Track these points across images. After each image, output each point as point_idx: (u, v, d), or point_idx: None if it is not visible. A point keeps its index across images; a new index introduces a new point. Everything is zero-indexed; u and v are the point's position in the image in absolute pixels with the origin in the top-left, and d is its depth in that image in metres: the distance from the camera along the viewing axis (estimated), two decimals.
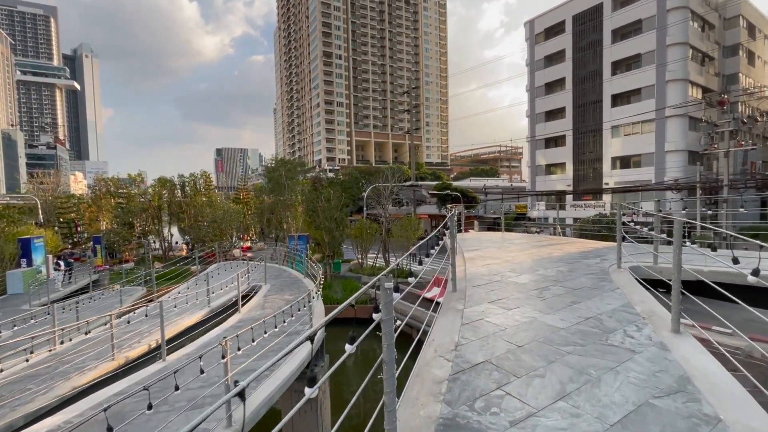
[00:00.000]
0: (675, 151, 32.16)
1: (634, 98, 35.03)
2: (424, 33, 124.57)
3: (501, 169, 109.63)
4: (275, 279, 14.40)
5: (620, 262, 6.05)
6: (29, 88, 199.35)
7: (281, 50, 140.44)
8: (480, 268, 6.73)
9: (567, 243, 9.96)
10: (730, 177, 23.36)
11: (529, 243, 10.17)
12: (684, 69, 32.04)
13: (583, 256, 7.61)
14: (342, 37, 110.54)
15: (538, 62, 42.34)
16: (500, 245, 9.81)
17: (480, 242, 10.52)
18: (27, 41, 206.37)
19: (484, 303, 4.53)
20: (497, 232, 13.82)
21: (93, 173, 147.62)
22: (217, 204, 26.57)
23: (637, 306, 4.21)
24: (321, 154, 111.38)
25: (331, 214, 21.78)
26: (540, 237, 11.65)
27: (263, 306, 10.57)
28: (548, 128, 41.20)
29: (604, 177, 36.57)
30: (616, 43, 35.65)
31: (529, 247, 9.28)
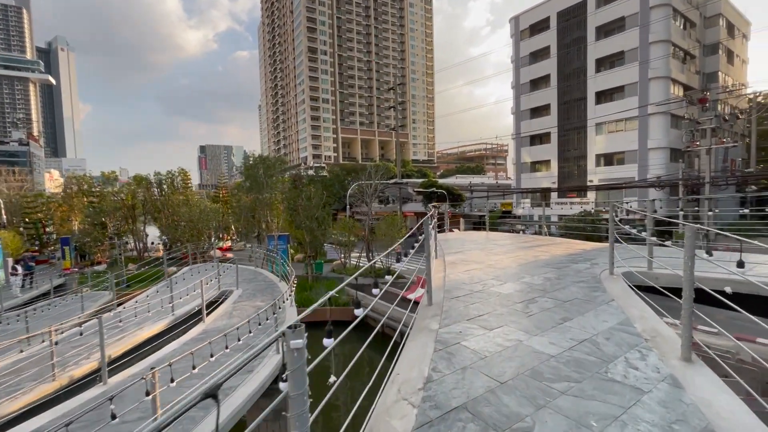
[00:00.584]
0: (657, 148, 32.32)
1: (617, 95, 35.09)
2: (410, 30, 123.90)
3: (487, 166, 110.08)
4: (248, 283, 13.59)
5: (612, 267, 5.52)
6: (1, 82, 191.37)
7: (265, 45, 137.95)
8: (461, 274, 6.12)
9: (553, 244, 9.47)
10: (711, 174, 23.45)
11: (514, 244, 9.64)
12: (666, 66, 32.19)
13: (571, 259, 7.08)
14: (327, 33, 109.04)
15: (523, 59, 42.15)
16: (484, 247, 9.26)
17: (463, 243, 9.95)
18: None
19: (463, 321, 3.91)
20: (482, 231, 13.29)
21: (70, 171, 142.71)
22: (193, 203, 25.43)
23: (637, 323, 3.65)
24: (307, 151, 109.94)
25: (312, 213, 20.99)
26: (526, 237, 11.17)
27: (231, 314, 9.79)
28: (533, 125, 41.09)
29: (589, 174, 36.63)
30: (600, 40, 35.63)
31: (515, 249, 8.75)
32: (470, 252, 8.49)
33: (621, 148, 34.45)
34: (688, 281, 2.85)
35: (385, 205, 61.74)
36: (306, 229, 21.38)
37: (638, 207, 32.89)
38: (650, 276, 5.49)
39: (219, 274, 12.57)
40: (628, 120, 33.92)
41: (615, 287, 4.90)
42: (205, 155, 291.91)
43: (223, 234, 35.70)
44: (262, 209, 21.50)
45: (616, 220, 5.46)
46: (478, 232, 13.02)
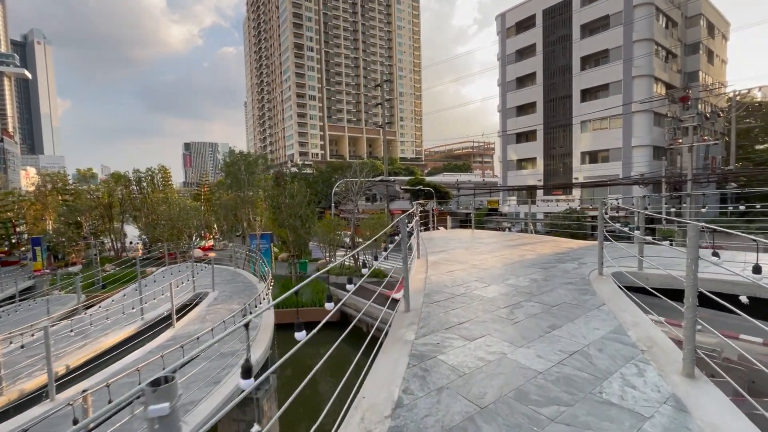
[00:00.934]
0: (641, 146, 32.64)
1: (602, 93, 35.34)
2: (398, 27, 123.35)
3: (474, 164, 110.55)
4: (226, 284, 13.02)
5: (602, 267, 5.23)
6: None
7: (251, 41, 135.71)
8: (443, 276, 5.75)
9: (540, 242, 9.20)
10: (693, 171, 23.72)
11: (499, 242, 9.34)
12: (649, 65, 32.50)
13: (558, 258, 6.79)
14: (314, 29, 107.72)
15: (509, 56, 42.14)
16: (469, 245, 8.93)
17: (447, 242, 9.61)
18: None
19: (441, 330, 3.53)
20: (468, 229, 13.00)
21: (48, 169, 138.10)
22: (173, 201, 24.55)
23: (631, 331, 3.33)
24: (293, 149, 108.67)
25: (296, 211, 20.42)
26: (511, 235, 10.91)
27: (204, 318, 9.26)
28: (519, 123, 41.16)
29: (574, 172, 36.85)
30: (585, 38, 35.79)
31: (500, 248, 8.44)
32: (454, 251, 8.14)
33: (605, 145, 34.72)
34: (692, 287, 2.52)
35: (373, 203, 61.32)
36: (289, 228, 20.80)
37: (624, 204, 33.28)
38: (640, 276, 5.22)
39: (194, 275, 11.97)
40: (612, 118, 34.19)
41: (605, 289, 4.59)
42: (190, 152, 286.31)
43: (205, 233, 34.77)
44: (244, 208, 20.84)
45: (605, 217, 5.16)
46: (464, 231, 12.72)
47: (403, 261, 4.17)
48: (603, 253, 5.19)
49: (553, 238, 10.03)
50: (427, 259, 7.29)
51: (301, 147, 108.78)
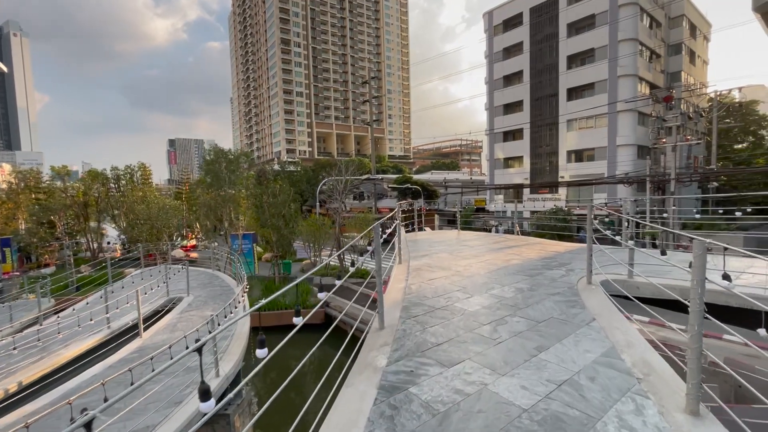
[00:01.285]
0: (626, 145, 32.93)
1: (588, 92, 35.52)
2: (386, 24, 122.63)
3: (461, 162, 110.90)
4: (202, 288, 12.45)
5: (590, 276, 4.93)
6: None
7: (236, 36, 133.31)
8: (424, 284, 5.39)
9: (526, 245, 8.93)
10: (677, 171, 23.92)
11: (485, 245, 9.04)
12: (634, 65, 32.75)
13: (545, 264, 6.49)
14: (301, 25, 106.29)
15: (496, 54, 42.06)
16: (453, 249, 8.60)
17: (431, 245, 9.26)
18: None
19: (416, 354, 3.15)
20: (453, 230, 12.69)
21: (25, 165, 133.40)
22: (151, 200, 23.66)
23: (625, 354, 3.00)
24: (280, 146, 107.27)
25: (279, 210, 19.85)
26: (498, 237, 10.62)
27: (175, 327, 8.73)
28: (506, 121, 41.16)
29: (560, 170, 37.01)
30: (571, 36, 35.88)
31: (485, 252, 8.12)
32: (438, 255, 7.80)
33: (591, 144, 34.93)
34: (697, 312, 2.19)
35: (360, 201, 60.81)
36: (272, 228, 20.22)
37: (608, 204, 33.58)
38: (630, 286, 4.94)
39: (167, 279, 11.39)
40: (598, 117, 34.40)
41: (594, 301, 4.29)
42: (175, 149, 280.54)
43: (187, 232, 33.84)
44: (225, 207, 20.18)
45: (594, 222, 4.85)
46: (450, 232, 12.39)
47: (377, 273, 3.78)
48: (592, 260, 4.89)
49: (539, 240, 9.78)
50: (409, 264, 6.92)
51: (289, 144, 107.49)
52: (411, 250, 8.56)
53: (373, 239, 3.80)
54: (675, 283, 4.52)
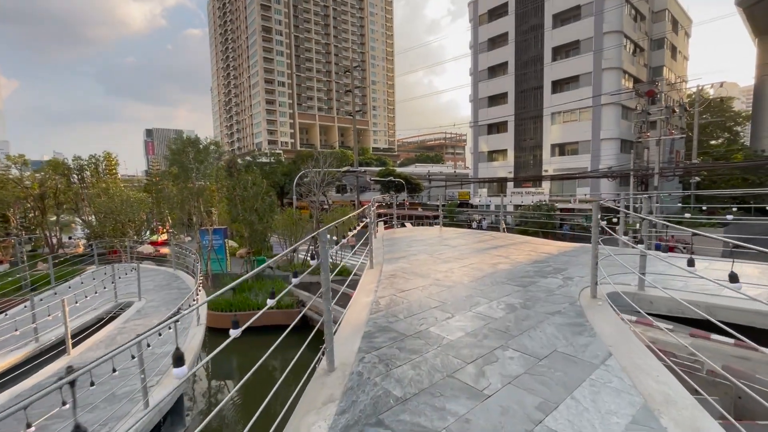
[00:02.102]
0: (609, 139, 32.70)
1: (572, 85, 35.11)
2: (370, 14, 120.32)
3: (446, 156, 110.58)
4: (158, 291, 11.22)
5: (595, 288, 4.07)
6: None
7: (216, 22, 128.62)
8: (396, 297, 4.44)
9: (513, 244, 8.09)
10: (660, 165, 23.71)
11: (468, 245, 8.16)
12: (618, 57, 32.42)
13: (538, 270, 5.62)
14: (283, 12, 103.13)
15: (481, 45, 41.21)
16: (434, 249, 7.68)
17: (410, 244, 8.32)
18: None
19: (371, 422, 2.18)
20: (435, 227, 11.78)
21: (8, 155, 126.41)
22: (114, 192, 21.99)
23: (665, 417, 2.11)
24: (262, 137, 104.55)
25: (251, 204, 18.57)
26: (482, 235, 9.76)
27: (114, 339, 7.55)
28: (491, 113, 40.51)
29: (544, 164, 36.65)
30: (556, 28, 35.30)
31: (469, 252, 7.24)
32: (416, 257, 6.86)
33: (575, 138, 34.62)
34: None
35: (343, 194, 59.54)
36: (244, 223, 18.96)
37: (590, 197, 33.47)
38: (642, 300, 4.10)
39: (115, 280, 10.12)
40: (581, 110, 34.05)
41: (605, 324, 3.41)
42: (153, 139, 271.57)
43: (157, 226, 32.02)
44: (193, 200, 18.79)
45: (601, 223, 3.97)
46: (431, 229, 11.48)
47: (324, 299, 2.79)
48: (598, 269, 4.02)
49: (527, 239, 8.96)
50: (382, 269, 5.96)
51: (270, 135, 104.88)
52: (387, 251, 7.60)
53: (320, 250, 2.80)
54: (700, 297, 3.69)
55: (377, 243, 8.54)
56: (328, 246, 2.65)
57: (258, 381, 11.99)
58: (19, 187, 25.59)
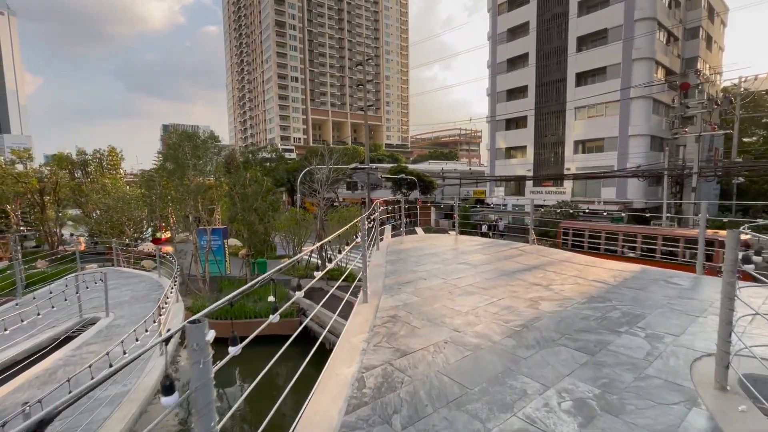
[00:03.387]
0: (638, 135, 30.28)
1: (599, 77, 32.72)
2: (385, 8, 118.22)
3: (460, 152, 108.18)
4: (132, 304, 9.87)
5: (726, 370, 2.40)
6: None
7: (230, 17, 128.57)
8: (394, 367, 2.85)
9: (550, 263, 6.40)
10: (700, 164, 21.44)
11: (492, 263, 6.50)
12: (650, 47, 29.90)
13: (600, 316, 3.93)
14: (296, 6, 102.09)
15: (500, 36, 39.01)
16: (449, 270, 6.05)
17: (419, 261, 6.71)
18: None
19: None
20: (450, 235, 10.10)
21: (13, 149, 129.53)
22: (111, 188, 20.94)
23: None
24: (274, 133, 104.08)
25: (250, 203, 17.21)
26: (507, 248, 8.05)
27: (54, 375, 6.17)
28: (509, 108, 38.32)
29: (566, 162, 34.40)
30: (582, 15, 32.90)
31: (496, 276, 5.59)
32: (426, 284, 5.25)
33: (600, 134, 32.26)
34: None
35: (354, 192, 58.08)
36: (242, 223, 17.63)
37: (617, 198, 31.14)
38: None
39: (78, 291, 8.79)
40: (608, 104, 31.66)
41: None
42: (169, 135, 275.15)
43: (160, 224, 31.12)
44: (190, 198, 17.53)
45: (749, 255, 2.29)
46: (445, 237, 9.79)
47: None
48: (732, 331, 2.34)
49: (565, 254, 7.23)
50: (379, 304, 4.38)
51: (283, 131, 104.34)
52: (390, 270, 6.02)
53: None
54: None
55: (378, 258, 6.95)
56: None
57: (253, 398, 10.63)
58: (20, 182, 24.86)
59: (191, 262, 18.62)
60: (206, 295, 17.87)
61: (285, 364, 2.33)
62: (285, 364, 14.00)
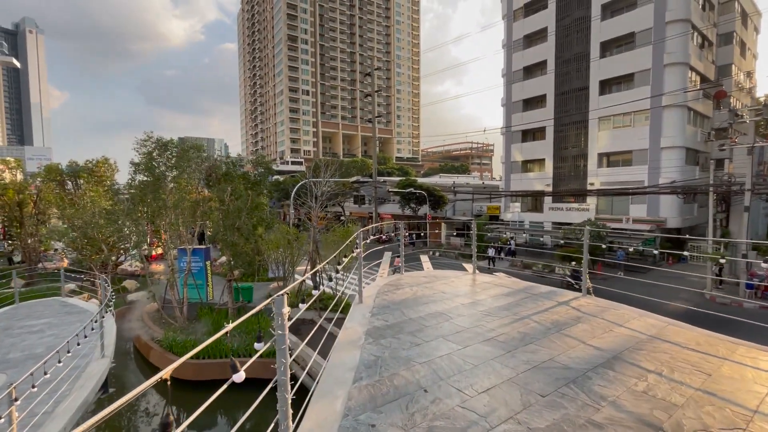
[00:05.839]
0: (672, 147, 27.37)
1: (625, 85, 30.09)
2: (396, 22, 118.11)
3: (472, 166, 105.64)
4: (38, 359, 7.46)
5: None
6: None
7: (245, 33, 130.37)
8: None
9: (637, 344, 3.83)
10: (752, 179, 18.47)
11: (535, 337, 3.96)
12: (684, 51, 27.21)
13: None
14: (309, 21, 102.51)
15: (515, 43, 36.80)
16: (466, 354, 3.52)
17: (419, 330, 4.19)
18: None
19: None
20: (464, 275, 7.50)
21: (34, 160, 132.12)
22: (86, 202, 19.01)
23: None
24: (285, 145, 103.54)
25: (232, 221, 14.94)
26: (554, 306, 5.43)
27: None
28: (526, 118, 35.80)
29: (589, 176, 31.54)
30: (606, 19, 30.50)
31: (548, 381, 3.06)
32: (427, 401, 2.73)
33: (628, 146, 29.42)
34: None
35: (360, 206, 55.82)
36: (224, 243, 15.35)
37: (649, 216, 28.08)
38: None
39: None
40: (637, 113, 28.91)
41: None
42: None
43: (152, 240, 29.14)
44: (168, 214, 15.37)
45: None
46: (458, 278, 7.15)
47: None
48: None
49: (651, 321, 4.60)
50: None
51: (293, 144, 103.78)
52: (367, 359, 3.53)
53: None
54: None
55: (355, 323, 4.44)
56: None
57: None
58: None
59: (167, 287, 16.34)
60: (180, 326, 15.52)
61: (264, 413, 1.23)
62: (262, 414, 11.43)
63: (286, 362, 2.18)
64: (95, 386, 6.44)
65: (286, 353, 2.16)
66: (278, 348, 2.18)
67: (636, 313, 4.84)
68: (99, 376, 6.79)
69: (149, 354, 14.84)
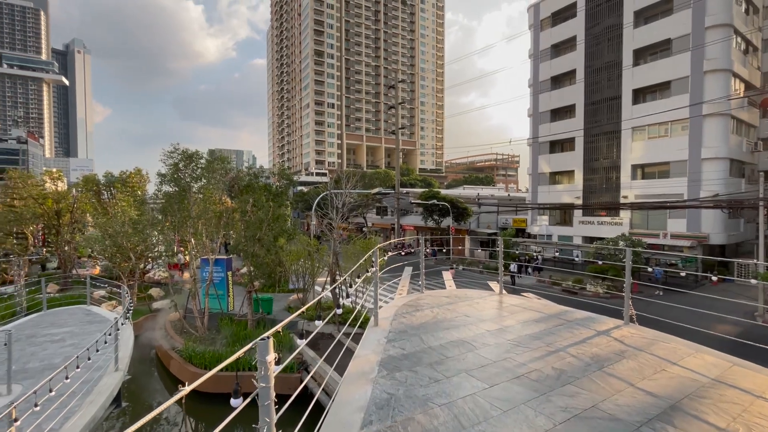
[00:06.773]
0: (714, 158, 25.69)
1: (660, 93, 28.70)
2: (421, 36, 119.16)
3: (497, 177, 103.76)
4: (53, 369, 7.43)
5: None
6: (15, 82, 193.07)
7: (273, 48, 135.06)
8: None
9: (693, 385, 3.24)
10: None
11: (575, 376, 3.44)
12: (727, 57, 25.70)
13: None
14: (335, 36, 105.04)
15: (543, 53, 36.02)
16: (493, 396, 3.06)
17: (439, 362, 3.75)
18: (15, 34, 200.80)
19: None
20: (490, 296, 6.97)
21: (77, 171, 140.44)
22: (117, 212, 19.67)
23: None
24: (310, 157, 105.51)
25: (253, 232, 14.94)
26: (588, 333, 4.85)
27: None
28: (554, 129, 34.73)
29: (622, 189, 30.04)
30: (639, 26, 29.35)
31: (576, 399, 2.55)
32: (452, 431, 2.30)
33: (665, 157, 27.87)
34: None
35: (383, 217, 55.58)
36: (245, 255, 15.34)
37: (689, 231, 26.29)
38: None
39: None
40: (674, 123, 27.42)
41: None
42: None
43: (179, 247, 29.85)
44: (191, 225, 15.58)
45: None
46: (483, 302, 6.62)
47: None
48: None
49: (711, 360, 3.96)
50: None
51: (318, 155, 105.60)
52: (378, 399, 3.12)
53: None
54: None
55: (369, 351, 4.03)
56: None
57: None
58: (38, 203, 24.36)
59: (189, 297, 16.47)
60: (202, 335, 15.54)
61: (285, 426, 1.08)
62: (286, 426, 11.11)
63: (271, 422, 1.81)
64: (105, 401, 6.29)
65: (271, 410, 1.79)
66: (261, 404, 1.82)
67: (691, 348, 4.20)
68: (111, 390, 6.67)
69: (169, 364, 14.87)
